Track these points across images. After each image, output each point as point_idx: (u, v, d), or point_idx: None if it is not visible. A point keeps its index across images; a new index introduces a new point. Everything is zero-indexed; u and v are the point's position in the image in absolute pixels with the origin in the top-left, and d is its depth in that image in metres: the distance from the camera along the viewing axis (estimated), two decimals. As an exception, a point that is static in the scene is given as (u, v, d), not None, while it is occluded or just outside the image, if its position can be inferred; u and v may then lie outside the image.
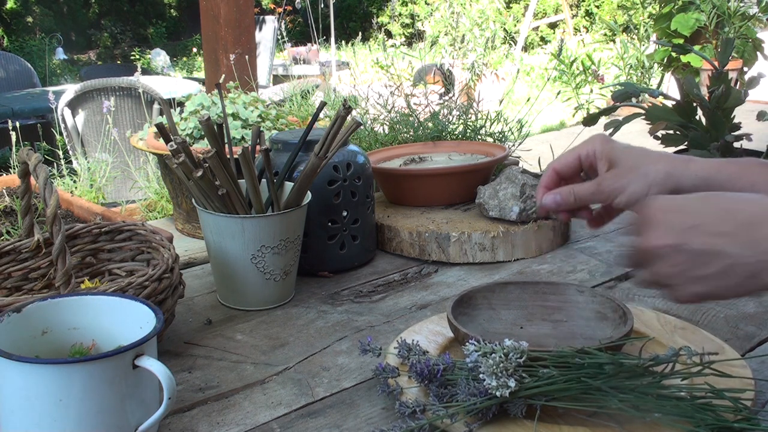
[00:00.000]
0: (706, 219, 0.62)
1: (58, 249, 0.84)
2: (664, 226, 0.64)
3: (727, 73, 1.08)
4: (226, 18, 3.31)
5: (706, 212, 0.63)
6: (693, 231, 0.62)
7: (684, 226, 0.63)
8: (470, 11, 7.19)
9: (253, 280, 1.05)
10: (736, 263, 0.61)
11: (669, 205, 0.65)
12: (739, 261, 0.61)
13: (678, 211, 0.64)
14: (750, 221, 0.61)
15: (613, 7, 10.27)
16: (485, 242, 1.23)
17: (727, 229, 0.61)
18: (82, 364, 0.65)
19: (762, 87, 1.16)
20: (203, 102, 1.49)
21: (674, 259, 0.63)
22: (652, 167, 0.73)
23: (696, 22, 4.63)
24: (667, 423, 0.69)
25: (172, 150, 0.99)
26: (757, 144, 1.15)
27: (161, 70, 9.50)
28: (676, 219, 0.63)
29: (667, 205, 0.65)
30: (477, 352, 0.74)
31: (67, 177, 2.89)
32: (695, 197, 0.65)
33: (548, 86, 5.86)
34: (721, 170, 0.71)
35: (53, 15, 12.68)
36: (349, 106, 1.05)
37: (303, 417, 0.80)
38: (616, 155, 0.76)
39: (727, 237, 0.61)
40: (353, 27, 13.07)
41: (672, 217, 0.64)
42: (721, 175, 0.70)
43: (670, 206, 0.65)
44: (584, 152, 0.79)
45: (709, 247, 0.61)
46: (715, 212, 0.63)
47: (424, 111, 1.90)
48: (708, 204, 0.64)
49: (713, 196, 0.65)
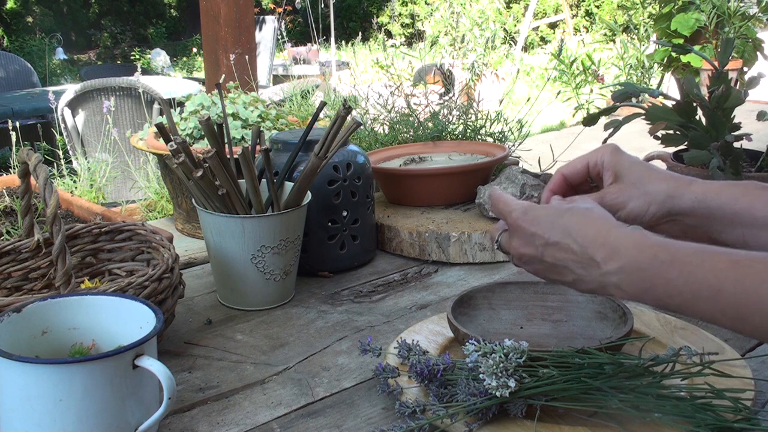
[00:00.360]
0: (556, 237, 0.69)
1: (58, 249, 0.84)
2: (525, 237, 0.72)
3: (727, 73, 1.08)
4: (226, 18, 3.31)
5: (556, 230, 0.69)
6: (547, 247, 0.70)
7: (540, 242, 0.70)
8: (470, 11, 7.19)
9: (253, 280, 1.05)
10: (580, 280, 0.68)
11: (531, 217, 0.72)
12: (583, 279, 0.68)
13: (537, 225, 0.71)
14: (589, 244, 0.66)
15: (613, 7, 10.28)
16: (485, 242, 1.23)
17: (573, 248, 0.67)
18: (82, 364, 0.65)
19: (762, 87, 1.16)
20: (203, 102, 1.49)
21: (534, 264, 0.72)
22: (655, 186, 0.75)
23: (696, 22, 4.63)
24: (667, 423, 0.69)
25: (172, 150, 0.99)
26: (757, 144, 1.15)
27: (161, 70, 9.50)
28: (537, 231, 0.70)
29: (530, 218, 0.72)
30: (477, 352, 0.74)
31: (67, 177, 2.89)
32: (554, 213, 0.71)
33: (548, 86, 5.86)
34: (720, 192, 0.73)
35: (53, 15, 12.69)
36: (349, 106, 1.05)
37: (303, 417, 0.80)
38: (622, 169, 0.77)
39: (573, 256, 0.68)
40: (353, 27, 13.08)
41: (534, 229, 0.71)
42: (720, 198, 0.72)
43: (532, 219, 0.71)
44: (593, 161, 0.80)
45: (560, 263, 0.69)
46: (563, 231, 0.69)
47: (424, 111, 1.90)
48: (560, 221, 0.69)
49: (567, 213, 0.70)
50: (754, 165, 1.18)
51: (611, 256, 0.65)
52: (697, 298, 0.60)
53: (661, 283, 0.62)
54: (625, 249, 0.64)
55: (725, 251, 0.61)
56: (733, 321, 0.60)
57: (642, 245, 0.64)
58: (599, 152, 0.80)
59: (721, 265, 0.60)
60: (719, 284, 0.59)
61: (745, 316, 0.58)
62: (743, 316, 0.58)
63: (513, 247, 0.74)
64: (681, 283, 0.61)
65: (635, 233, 0.66)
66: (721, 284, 0.59)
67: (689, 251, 0.62)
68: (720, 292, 0.59)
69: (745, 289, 0.58)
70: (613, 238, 0.65)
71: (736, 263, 0.59)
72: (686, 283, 0.61)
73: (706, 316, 0.61)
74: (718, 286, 0.59)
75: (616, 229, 0.67)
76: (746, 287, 0.58)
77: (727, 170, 1.07)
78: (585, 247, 0.67)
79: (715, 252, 0.61)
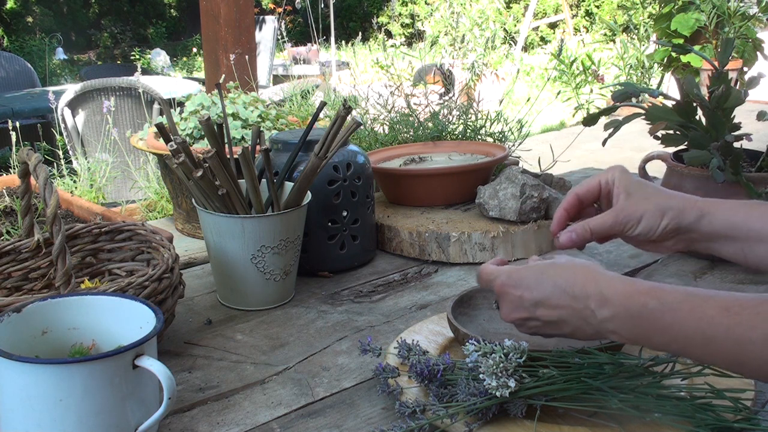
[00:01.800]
0: (545, 294, 0.71)
1: (58, 249, 0.84)
2: (513, 301, 0.73)
3: (727, 73, 1.08)
4: (226, 18, 3.31)
5: (544, 287, 0.71)
6: (538, 306, 0.71)
7: (529, 303, 0.72)
8: (470, 11, 7.19)
9: (253, 280, 1.05)
10: (578, 330, 0.69)
11: (515, 280, 0.73)
12: (580, 329, 0.69)
13: (522, 286, 0.72)
14: (579, 294, 0.68)
15: (613, 7, 10.27)
16: (485, 242, 1.23)
17: (564, 302, 0.69)
18: (82, 364, 0.65)
19: (762, 87, 1.15)
20: (203, 102, 1.49)
21: (528, 324, 0.73)
22: (666, 201, 0.77)
23: (696, 22, 4.63)
24: (667, 423, 0.69)
25: (172, 150, 0.99)
26: (757, 144, 1.15)
27: (161, 70, 9.49)
28: (524, 294, 0.72)
29: (514, 281, 0.73)
30: (477, 352, 0.74)
31: (67, 177, 2.89)
32: (537, 270, 0.72)
33: (548, 86, 5.86)
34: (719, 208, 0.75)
35: (53, 15, 12.68)
36: (349, 106, 1.05)
37: (303, 417, 0.80)
38: (633, 186, 0.79)
39: (566, 309, 0.69)
40: (353, 27, 13.07)
41: (520, 292, 0.72)
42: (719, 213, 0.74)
43: (516, 282, 0.73)
44: (604, 180, 0.82)
45: (555, 318, 0.70)
46: (551, 287, 0.70)
47: (424, 111, 1.90)
48: (545, 278, 0.71)
49: (550, 269, 0.72)
50: (754, 165, 1.18)
51: (603, 304, 0.66)
52: (692, 345, 0.62)
53: (655, 330, 0.63)
54: (614, 297, 0.66)
55: (714, 296, 0.62)
56: (730, 366, 0.61)
57: (630, 293, 0.65)
58: (609, 172, 0.82)
59: (711, 312, 0.61)
60: (712, 332, 0.60)
61: (742, 362, 0.60)
62: (740, 362, 0.60)
63: (504, 315, 0.75)
64: (674, 331, 0.62)
65: (622, 280, 0.67)
66: (714, 332, 0.60)
67: (678, 297, 0.63)
68: (713, 339, 0.60)
69: (737, 336, 0.59)
70: (602, 287, 0.67)
71: (727, 310, 0.60)
72: (680, 330, 0.62)
73: (705, 361, 0.63)
74: (710, 333, 0.60)
75: (602, 276, 0.68)
76: (738, 335, 0.59)
77: (727, 170, 1.07)
78: (577, 298, 0.68)
79: (704, 297, 0.62)
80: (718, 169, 1.06)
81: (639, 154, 1.54)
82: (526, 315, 0.73)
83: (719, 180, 1.07)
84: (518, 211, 1.25)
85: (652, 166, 1.26)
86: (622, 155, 4.47)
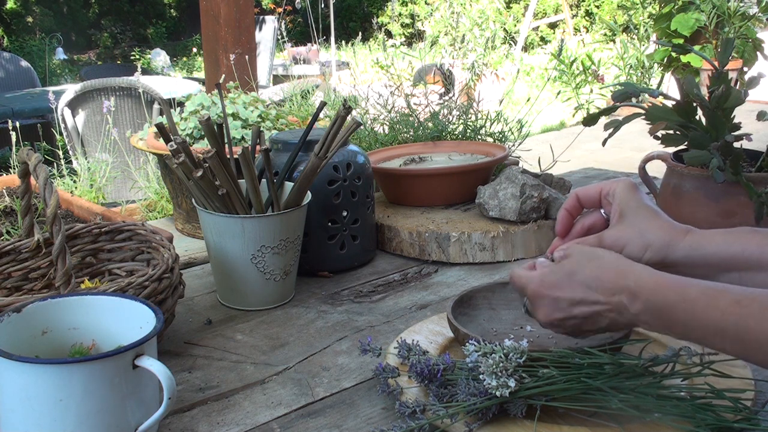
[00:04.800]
0: (579, 294, 0.73)
1: (58, 249, 0.84)
2: (549, 303, 0.75)
3: (727, 73, 1.08)
4: (226, 18, 3.31)
5: (577, 288, 0.73)
6: (574, 305, 0.74)
7: (566, 303, 0.74)
8: (470, 11, 7.19)
9: (253, 280, 1.05)
10: (614, 322, 0.72)
11: (549, 284, 0.75)
12: (615, 321, 0.72)
13: (557, 288, 0.75)
14: (610, 292, 0.71)
15: (613, 7, 10.26)
16: (485, 242, 1.23)
17: (599, 298, 0.72)
18: (82, 364, 0.65)
19: (762, 87, 1.15)
20: (203, 102, 1.49)
21: (566, 324, 0.75)
22: (653, 235, 0.77)
23: (696, 22, 4.63)
24: (667, 423, 0.69)
25: (172, 150, 0.99)
26: (757, 144, 1.15)
27: (161, 70, 9.50)
28: (559, 295, 0.74)
29: (548, 285, 0.75)
30: (477, 352, 0.74)
31: (67, 177, 2.89)
32: (567, 273, 0.75)
33: (548, 86, 5.86)
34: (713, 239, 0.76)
35: (53, 15, 12.68)
36: (349, 106, 1.05)
37: (303, 417, 0.80)
38: (628, 211, 0.79)
39: (601, 305, 0.72)
40: (353, 27, 13.07)
41: (557, 294, 0.74)
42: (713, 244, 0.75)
43: (550, 285, 0.75)
44: (606, 189, 0.83)
45: (593, 313, 0.73)
46: (583, 287, 0.73)
47: (424, 111, 1.90)
48: (576, 279, 0.73)
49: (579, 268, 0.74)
50: (754, 165, 1.18)
51: (633, 299, 0.69)
52: (709, 336, 0.65)
53: (677, 322, 0.67)
54: (642, 292, 0.69)
55: (730, 289, 0.65)
56: (741, 355, 0.64)
57: (654, 288, 0.68)
58: (615, 184, 0.82)
59: (724, 304, 0.64)
60: (724, 324, 0.63)
61: (749, 352, 0.63)
62: (748, 352, 0.63)
63: (542, 316, 0.77)
64: (692, 323, 0.65)
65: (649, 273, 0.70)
66: (725, 323, 0.63)
67: (697, 291, 0.66)
68: (724, 330, 0.63)
69: (747, 327, 0.62)
70: (631, 281, 0.70)
71: (738, 303, 0.63)
72: (698, 322, 0.65)
73: (721, 350, 0.65)
74: (722, 325, 0.63)
75: (630, 270, 0.71)
76: (748, 325, 0.62)
77: (727, 170, 1.07)
78: (610, 296, 0.71)
79: (721, 291, 0.65)
80: (718, 169, 1.06)
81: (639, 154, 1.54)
82: (564, 315, 0.74)
83: (719, 180, 1.06)
84: (518, 211, 1.25)
85: (652, 166, 1.26)
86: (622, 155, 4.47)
